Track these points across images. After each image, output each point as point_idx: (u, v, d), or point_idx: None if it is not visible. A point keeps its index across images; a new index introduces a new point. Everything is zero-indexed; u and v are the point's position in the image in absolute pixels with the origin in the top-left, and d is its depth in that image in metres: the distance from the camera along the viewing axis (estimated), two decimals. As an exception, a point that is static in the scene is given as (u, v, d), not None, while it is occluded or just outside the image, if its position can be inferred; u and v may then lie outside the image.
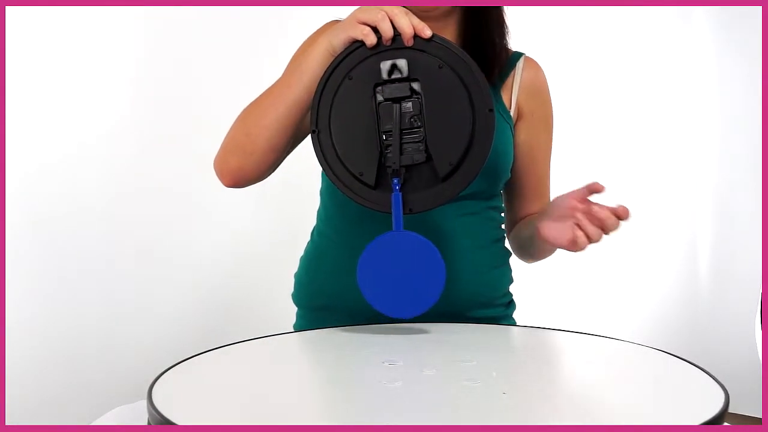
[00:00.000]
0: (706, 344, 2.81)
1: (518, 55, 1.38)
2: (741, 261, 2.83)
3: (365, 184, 1.11)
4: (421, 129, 1.09)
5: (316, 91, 1.14)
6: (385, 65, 1.10)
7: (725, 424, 0.86)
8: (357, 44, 1.12)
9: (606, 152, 2.83)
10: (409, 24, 1.08)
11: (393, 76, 1.10)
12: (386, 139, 1.10)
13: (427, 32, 1.09)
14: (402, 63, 1.09)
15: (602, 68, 2.81)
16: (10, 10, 1.78)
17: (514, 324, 1.38)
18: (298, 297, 1.37)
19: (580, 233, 1.14)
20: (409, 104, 1.09)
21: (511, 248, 1.42)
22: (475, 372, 0.99)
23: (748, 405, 2.54)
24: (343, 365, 1.04)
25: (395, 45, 1.11)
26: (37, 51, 1.84)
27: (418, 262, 1.10)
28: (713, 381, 0.93)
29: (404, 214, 1.11)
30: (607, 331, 1.26)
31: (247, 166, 1.23)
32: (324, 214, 1.35)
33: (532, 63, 1.39)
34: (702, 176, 2.93)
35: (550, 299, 2.68)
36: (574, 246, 1.15)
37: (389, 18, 1.09)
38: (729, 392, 0.89)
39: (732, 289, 2.86)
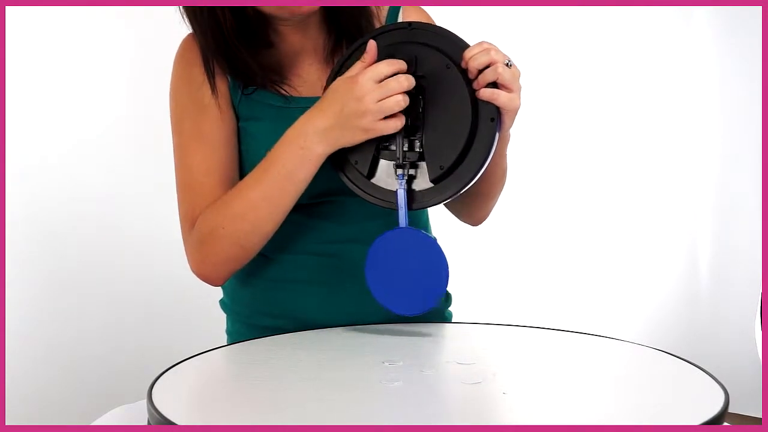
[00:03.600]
0: (706, 344, 2.80)
1: (395, 9, 1.27)
2: (741, 261, 2.83)
3: (359, 172, 1.11)
4: (420, 127, 1.08)
5: (328, 77, 1.13)
6: (395, 58, 1.08)
7: (725, 424, 0.86)
8: (370, 35, 1.11)
9: (606, 152, 2.83)
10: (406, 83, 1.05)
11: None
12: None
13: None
14: (410, 58, 1.08)
15: (602, 68, 2.81)
16: (10, 10, 1.78)
17: (450, 318, 1.34)
18: (229, 308, 1.31)
19: None
20: (413, 100, 1.07)
21: (463, 216, 1.32)
22: (475, 372, 0.99)
23: (748, 405, 2.53)
24: (342, 365, 1.04)
25: (406, 38, 1.09)
26: (36, 50, 1.84)
27: (421, 260, 1.09)
28: (713, 381, 0.93)
29: (392, 209, 1.10)
30: (607, 331, 1.25)
31: (244, 263, 1.19)
32: None
33: (411, 10, 1.27)
34: (702, 176, 2.93)
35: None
36: None
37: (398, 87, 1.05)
38: (729, 392, 0.89)
39: (732, 289, 2.85)
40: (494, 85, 1.06)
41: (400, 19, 1.26)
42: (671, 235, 2.95)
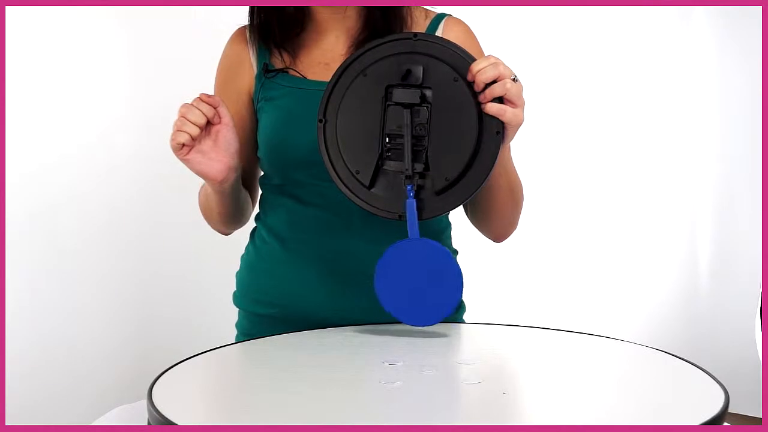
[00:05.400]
0: (706, 344, 2.80)
1: (440, 17, 1.29)
2: (741, 261, 2.83)
3: (360, 182, 1.11)
4: (425, 138, 1.08)
5: (328, 83, 1.13)
6: (401, 69, 1.09)
7: (725, 424, 0.86)
8: (374, 43, 1.12)
9: (606, 152, 2.83)
10: (199, 115, 1.14)
11: (407, 81, 1.08)
12: (388, 142, 1.09)
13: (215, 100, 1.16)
14: (417, 69, 1.08)
15: (602, 68, 2.81)
16: (10, 10, 1.78)
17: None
18: (239, 300, 1.33)
19: None
20: (419, 111, 1.08)
21: (483, 228, 1.31)
22: (475, 372, 0.99)
23: (748, 405, 2.53)
24: (343, 365, 1.04)
25: (411, 49, 1.09)
26: (36, 51, 1.84)
27: (434, 271, 1.09)
28: (713, 381, 0.93)
29: (394, 219, 1.10)
30: (607, 331, 1.25)
31: (225, 231, 1.37)
32: (263, 219, 1.31)
33: (454, 22, 1.29)
34: (702, 176, 2.93)
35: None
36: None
37: (184, 118, 1.15)
38: (729, 392, 0.89)
39: (732, 288, 2.85)
40: (500, 99, 1.06)
41: (440, 30, 1.27)
42: (671, 234, 2.95)
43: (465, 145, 1.07)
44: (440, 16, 1.29)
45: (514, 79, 1.06)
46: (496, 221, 1.28)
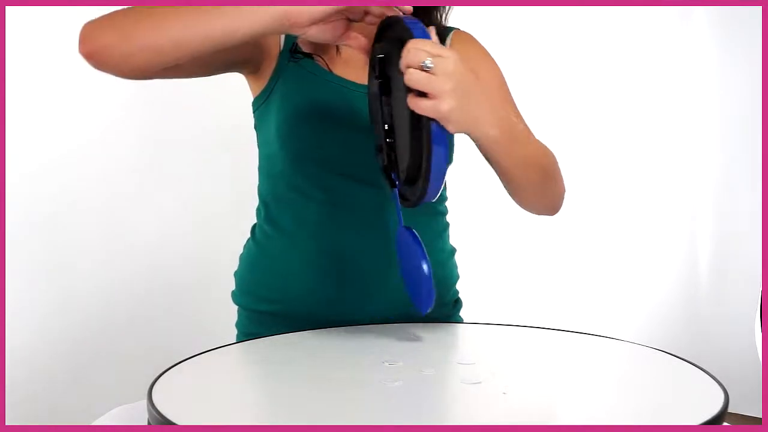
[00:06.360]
0: (706, 344, 2.81)
1: (448, 31, 1.28)
2: (741, 261, 2.83)
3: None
4: (392, 129, 1.04)
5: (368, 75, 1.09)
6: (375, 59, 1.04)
7: (725, 424, 0.86)
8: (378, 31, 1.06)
9: (606, 152, 2.83)
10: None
11: (374, 70, 1.04)
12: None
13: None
14: (375, 59, 1.03)
15: (602, 68, 2.81)
16: (10, 10, 1.78)
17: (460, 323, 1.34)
18: (239, 298, 1.33)
19: None
20: (389, 102, 1.04)
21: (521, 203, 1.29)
22: (474, 372, 0.99)
23: (748, 405, 2.54)
24: (342, 365, 1.04)
25: (391, 34, 1.02)
26: (37, 51, 1.84)
27: (413, 262, 1.09)
28: (713, 381, 0.93)
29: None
30: (607, 331, 1.25)
31: (127, 58, 1.10)
32: (265, 213, 1.30)
33: (460, 36, 1.28)
34: (702, 176, 2.93)
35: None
36: None
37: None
38: (729, 392, 0.89)
39: (732, 288, 2.86)
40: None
41: (447, 44, 1.24)
42: (671, 234, 2.95)
43: (405, 138, 1.01)
44: (447, 30, 1.29)
45: (425, 67, 0.93)
46: (526, 199, 1.25)
